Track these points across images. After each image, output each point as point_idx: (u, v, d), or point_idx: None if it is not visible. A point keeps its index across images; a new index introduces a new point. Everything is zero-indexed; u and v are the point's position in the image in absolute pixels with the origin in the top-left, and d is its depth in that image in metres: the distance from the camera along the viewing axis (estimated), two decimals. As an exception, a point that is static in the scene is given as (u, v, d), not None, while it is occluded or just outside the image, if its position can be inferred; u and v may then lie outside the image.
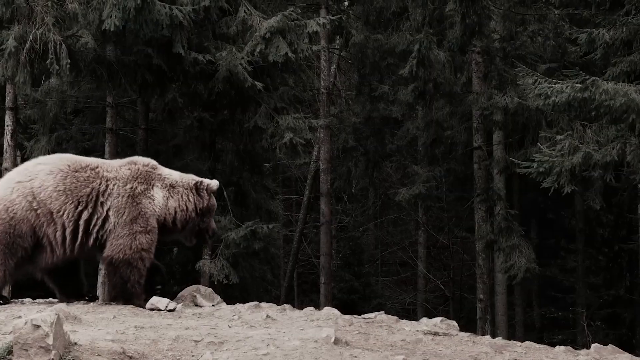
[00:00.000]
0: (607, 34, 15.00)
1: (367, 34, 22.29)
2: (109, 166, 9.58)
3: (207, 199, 9.71)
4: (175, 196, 9.57)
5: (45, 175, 9.33)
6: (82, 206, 9.25)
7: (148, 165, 9.62)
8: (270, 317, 8.31)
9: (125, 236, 9.19)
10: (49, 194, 9.22)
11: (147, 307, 9.08)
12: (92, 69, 18.07)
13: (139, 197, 9.34)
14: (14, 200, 9.26)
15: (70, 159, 9.61)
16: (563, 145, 14.44)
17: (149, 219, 9.32)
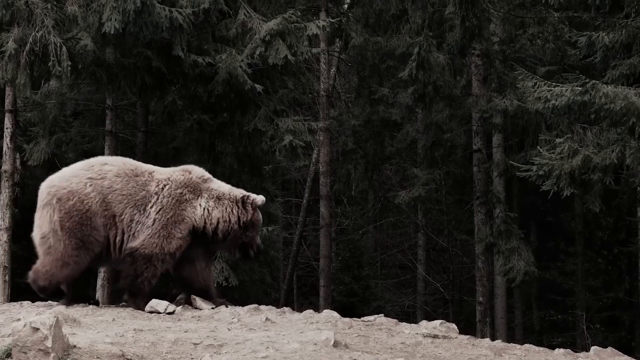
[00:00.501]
0: (607, 37, 15.00)
1: (366, 36, 22.29)
2: (164, 171, 9.99)
3: (252, 213, 9.95)
4: (219, 207, 9.82)
5: (114, 176, 9.71)
6: (137, 210, 9.61)
7: (201, 177, 10.02)
8: (269, 320, 8.31)
9: (160, 236, 9.47)
10: (115, 197, 9.59)
11: (146, 309, 9.09)
12: (91, 72, 18.07)
13: (185, 204, 9.69)
14: (88, 194, 9.58)
15: (132, 163, 10.03)
16: (562, 148, 14.43)
17: (186, 226, 9.63)
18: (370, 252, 31.98)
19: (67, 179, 9.83)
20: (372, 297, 29.07)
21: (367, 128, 25.13)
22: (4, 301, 16.98)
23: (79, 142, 23.28)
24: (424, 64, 19.35)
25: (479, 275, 20.87)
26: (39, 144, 20.42)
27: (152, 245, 9.45)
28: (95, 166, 9.90)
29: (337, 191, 28.54)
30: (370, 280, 30.29)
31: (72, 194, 9.59)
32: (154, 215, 9.57)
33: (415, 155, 26.01)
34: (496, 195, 20.65)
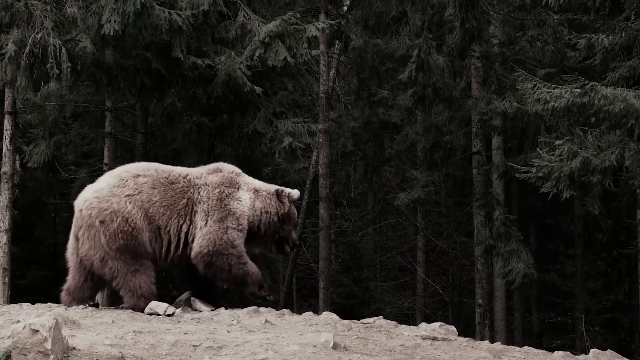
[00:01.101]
0: (607, 39, 15.00)
1: (366, 38, 22.30)
2: (197, 173, 10.02)
3: (288, 206, 10.05)
4: (260, 198, 9.96)
5: (150, 189, 9.72)
6: (182, 219, 9.70)
7: (233, 172, 10.10)
8: (269, 322, 8.30)
9: (215, 231, 9.57)
10: (156, 209, 9.64)
11: (145, 311, 9.09)
12: (91, 73, 18.07)
13: (227, 199, 9.77)
14: (131, 211, 9.57)
15: (164, 170, 10.00)
16: (562, 150, 14.44)
17: (239, 217, 9.74)
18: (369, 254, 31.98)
19: (106, 199, 9.70)
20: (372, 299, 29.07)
21: (367, 130, 25.13)
22: (4, 303, 16.97)
23: (79, 144, 23.32)
24: (423, 66, 19.36)
25: (478, 277, 20.87)
26: (38, 146, 20.44)
27: (212, 240, 9.53)
28: (129, 181, 9.81)
29: (336, 193, 28.55)
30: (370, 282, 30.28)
31: (115, 215, 9.57)
32: (200, 223, 9.64)
33: (415, 157, 26.01)
34: (496, 197, 20.65)
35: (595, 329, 25.38)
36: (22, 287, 25.06)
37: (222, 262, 9.55)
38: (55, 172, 24.91)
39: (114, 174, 10.07)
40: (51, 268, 28.69)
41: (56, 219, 29.57)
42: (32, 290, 24.42)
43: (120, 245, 9.50)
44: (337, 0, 23.27)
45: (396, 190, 27.22)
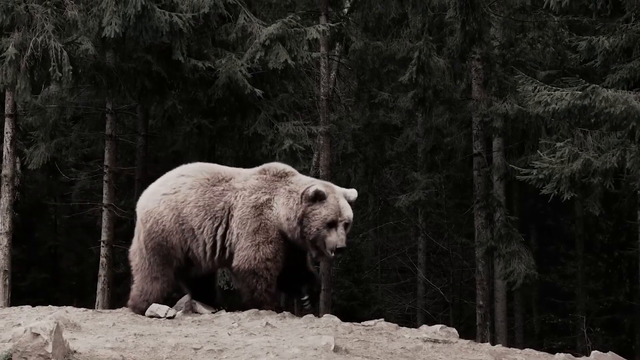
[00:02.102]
0: (607, 41, 15.00)
1: (366, 40, 22.30)
2: (242, 176, 9.61)
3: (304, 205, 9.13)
4: (285, 203, 9.27)
5: (187, 189, 9.49)
6: (218, 222, 9.37)
7: (277, 174, 9.51)
8: (269, 325, 8.30)
9: (249, 247, 9.19)
10: (190, 209, 9.39)
11: (146, 314, 9.08)
12: (91, 76, 18.09)
13: (261, 208, 9.29)
14: (162, 212, 9.47)
15: (210, 171, 9.70)
16: (563, 152, 14.45)
17: (269, 229, 9.24)
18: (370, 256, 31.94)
19: (147, 197, 9.79)
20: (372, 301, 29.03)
21: (367, 132, 25.13)
22: (4, 305, 16.98)
23: (79, 146, 23.33)
24: (424, 68, 19.37)
25: (479, 278, 20.86)
26: (39, 148, 20.45)
27: (247, 258, 9.21)
28: (170, 180, 9.73)
29: (337, 195, 28.47)
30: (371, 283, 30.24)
31: (149, 215, 9.58)
32: (236, 231, 9.29)
33: (415, 159, 26.00)
34: (496, 198, 20.65)
35: (597, 330, 25.37)
36: (22, 290, 25.07)
37: (251, 283, 9.25)
38: (55, 175, 24.93)
39: (168, 173, 9.96)
40: (51, 270, 28.73)
41: (57, 221, 29.58)
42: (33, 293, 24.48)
43: (154, 246, 9.50)
44: (337, 3, 23.22)
45: (397, 192, 27.20)
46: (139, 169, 21.65)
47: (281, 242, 9.26)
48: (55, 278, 28.88)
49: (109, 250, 19.98)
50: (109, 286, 19.82)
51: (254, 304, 9.19)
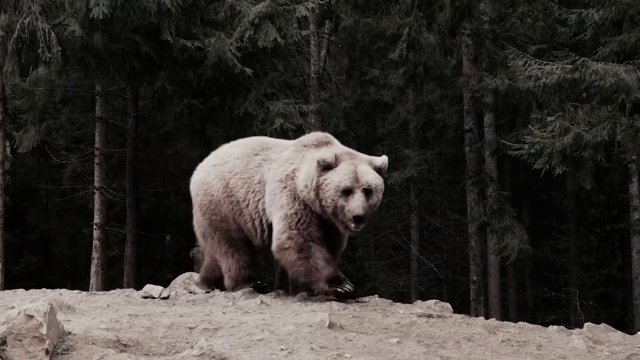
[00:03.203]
0: (597, 14, 14.98)
1: (356, 17, 22.19)
2: (280, 147, 9.01)
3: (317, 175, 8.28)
4: (306, 172, 8.45)
5: (235, 159, 9.05)
6: (259, 195, 8.82)
7: (308, 144, 8.76)
8: (264, 303, 8.30)
9: (276, 222, 8.54)
10: (236, 181, 8.94)
11: (140, 294, 9.08)
12: (80, 58, 17.99)
13: (286, 180, 8.60)
14: (210, 182, 9.11)
15: (259, 143, 9.19)
16: (554, 126, 14.45)
17: (293, 200, 8.50)
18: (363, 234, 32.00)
19: (199, 168, 9.44)
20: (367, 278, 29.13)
21: (359, 110, 25.10)
22: (-2, 289, 16.97)
23: (69, 129, 23.26)
24: (414, 45, 19.29)
25: (472, 254, 20.92)
26: (28, 132, 20.37)
27: (277, 233, 8.50)
28: (223, 150, 9.34)
29: (329, 173, 28.47)
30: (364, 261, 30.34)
31: (200, 186, 9.25)
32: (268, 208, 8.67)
33: (407, 136, 25.99)
34: (488, 174, 20.67)
35: (589, 303, 25.53)
36: (15, 274, 25.06)
37: (285, 259, 8.54)
38: (46, 158, 24.87)
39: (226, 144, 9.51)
40: (44, 254, 28.71)
41: (48, 205, 29.54)
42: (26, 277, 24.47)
43: (210, 222, 9.13)
44: (326, -20, 23.11)
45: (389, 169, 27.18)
46: (129, 150, 21.61)
47: (305, 211, 8.45)
48: (48, 262, 28.87)
49: (101, 232, 19.97)
50: (102, 269, 19.83)
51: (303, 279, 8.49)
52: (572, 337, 7.16)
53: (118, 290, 9.86)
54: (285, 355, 5.85)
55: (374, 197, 8.31)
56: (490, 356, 6.37)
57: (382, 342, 6.49)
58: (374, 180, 8.29)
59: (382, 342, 6.51)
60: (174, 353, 6.08)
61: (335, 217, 8.29)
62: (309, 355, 5.90)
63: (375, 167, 8.45)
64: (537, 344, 6.93)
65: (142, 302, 8.70)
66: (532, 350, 6.68)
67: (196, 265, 19.06)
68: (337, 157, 8.33)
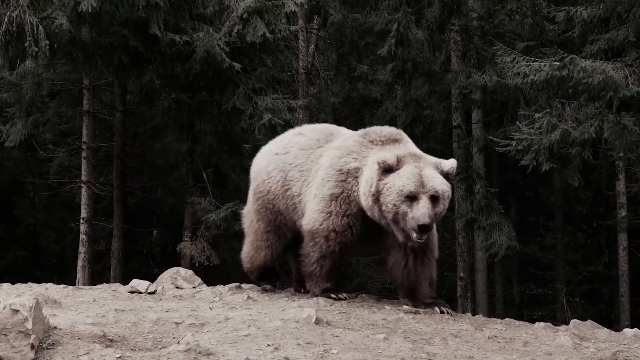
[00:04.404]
0: (585, 12, 15.01)
1: (345, 13, 22.15)
2: (342, 135, 8.50)
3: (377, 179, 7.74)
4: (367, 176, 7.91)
5: (297, 150, 8.56)
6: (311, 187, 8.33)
7: (374, 140, 8.14)
8: (251, 298, 8.31)
9: (320, 212, 8.03)
10: (294, 174, 8.48)
11: (127, 289, 9.06)
12: (67, 51, 17.92)
13: (347, 175, 8.04)
14: (270, 172, 8.70)
15: (325, 132, 8.66)
16: (541, 123, 14.47)
17: (350, 202, 7.98)
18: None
19: (260, 155, 9.03)
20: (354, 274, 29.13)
21: (347, 105, 25.06)
22: (-16, 284, 16.87)
23: (57, 123, 23.14)
24: (402, 41, 19.26)
25: (459, 250, 20.95)
26: (15, 125, 20.26)
27: (313, 220, 8.07)
28: (287, 138, 8.86)
29: (317, 169, 28.46)
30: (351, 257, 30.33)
31: (258, 173, 8.85)
32: (314, 191, 8.16)
33: (395, 132, 25.95)
34: (476, 170, 20.69)
35: (576, 299, 25.62)
36: (1, 268, 24.95)
37: (307, 247, 8.17)
38: (33, 152, 24.74)
39: (288, 131, 9.15)
40: (31, 248, 28.58)
41: (35, 199, 29.41)
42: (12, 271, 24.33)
43: (259, 208, 8.77)
44: (314, -25, 23.08)
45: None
46: (117, 145, 21.53)
47: (359, 219, 7.99)
48: (35, 256, 28.75)
49: (88, 227, 19.90)
50: (89, 263, 19.76)
51: (306, 273, 8.29)
52: (559, 334, 7.19)
53: (105, 285, 9.85)
54: (271, 351, 5.85)
55: (440, 205, 7.71)
56: (476, 352, 6.38)
57: (368, 338, 6.50)
58: (440, 186, 7.67)
59: (369, 338, 6.52)
60: (160, 348, 6.07)
61: (396, 225, 7.69)
62: (295, 351, 5.90)
63: (442, 171, 7.80)
64: (524, 340, 6.96)
65: (129, 297, 8.69)
66: (518, 347, 6.70)
67: (183, 260, 19.04)
68: (399, 158, 7.67)
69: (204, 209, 18.83)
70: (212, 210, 18.67)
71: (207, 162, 20.79)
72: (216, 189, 20.45)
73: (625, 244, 21.76)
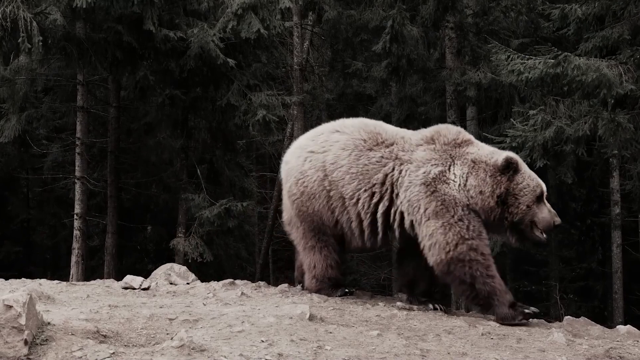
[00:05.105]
0: (580, 9, 15.03)
1: (340, 9, 22.16)
2: (407, 143, 8.12)
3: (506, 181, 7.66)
4: (473, 174, 7.75)
5: (339, 150, 8.21)
6: (377, 197, 8.01)
7: (449, 142, 8.00)
8: (245, 295, 8.30)
9: (434, 235, 7.66)
10: (342, 175, 8.12)
11: (121, 285, 9.04)
12: (61, 47, 17.89)
13: (434, 184, 7.76)
14: (305, 171, 8.36)
15: (369, 130, 8.29)
16: (536, 120, 14.49)
17: (450, 207, 7.68)
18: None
19: (293, 151, 8.66)
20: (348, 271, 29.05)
21: (341, 102, 25.07)
22: (-23, 279, 16.84)
23: (50, 118, 23.10)
24: (397, 37, 19.27)
25: (453, 247, 20.93)
26: (9, 121, 20.21)
27: (440, 248, 7.63)
28: (323, 135, 8.46)
29: (311, 165, 28.46)
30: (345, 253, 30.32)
31: (291, 172, 8.50)
32: (409, 217, 7.84)
33: (390, 129, 25.97)
34: (470, 167, 20.67)
35: (569, 296, 25.65)
36: (-4, 263, 24.92)
37: (464, 274, 7.58)
38: (27, 147, 24.68)
39: (321, 126, 8.78)
40: (24, 244, 28.53)
41: (29, 194, 29.35)
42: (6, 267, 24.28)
43: (298, 212, 8.40)
44: (309, -29, 23.06)
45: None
46: (111, 140, 21.49)
47: (471, 216, 7.68)
48: (29, 251, 28.70)
49: (82, 222, 19.87)
50: (83, 259, 19.73)
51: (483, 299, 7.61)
52: (552, 331, 7.20)
53: (98, 281, 9.83)
54: (265, 347, 5.85)
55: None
56: (470, 349, 6.39)
57: (362, 335, 6.50)
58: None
59: (363, 334, 6.52)
60: (154, 344, 6.06)
61: (518, 225, 7.65)
62: (289, 347, 5.90)
63: None
64: (517, 337, 6.97)
65: (123, 293, 8.67)
66: (511, 344, 6.71)
67: (176, 256, 19.02)
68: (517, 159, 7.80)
69: (198, 206, 18.81)
70: (206, 207, 18.66)
71: (201, 159, 20.78)
72: (210, 185, 20.43)
73: (619, 241, 21.80)
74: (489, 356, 6.15)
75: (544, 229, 7.55)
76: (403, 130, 8.51)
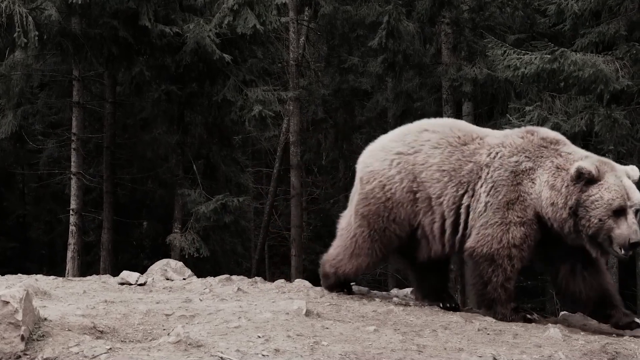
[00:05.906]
0: (576, 5, 15.04)
1: (336, 5, 22.14)
2: (499, 134, 7.84)
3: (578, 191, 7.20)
4: (551, 182, 7.32)
5: (431, 149, 7.76)
6: (463, 189, 7.61)
7: (547, 138, 7.57)
8: (241, 290, 8.30)
9: (496, 225, 7.38)
10: (431, 174, 7.68)
11: (117, 281, 9.04)
12: (57, 42, 17.86)
13: (521, 176, 7.43)
14: (392, 177, 7.85)
15: (462, 128, 7.92)
16: (532, 116, 14.51)
17: (527, 207, 7.38)
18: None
19: (375, 153, 8.10)
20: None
21: (337, 97, 25.06)
22: (-27, 275, 16.82)
23: (46, 114, 23.08)
24: (393, 33, 19.27)
25: (449, 243, 20.95)
26: (5, 117, 20.18)
27: (488, 239, 7.39)
28: (410, 135, 7.95)
29: (307, 161, 28.50)
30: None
31: (372, 176, 7.94)
32: (484, 198, 7.46)
33: (386, 124, 25.93)
34: (466, 163, 20.68)
35: (565, 292, 25.61)
36: (-9, 259, 24.88)
37: (486, 273, 7.46)
38: (22, 143, 24.64)
39: (406, 126, 8.23)
40: (20, 239, 28.49)
41: (25, 190, 29.32)
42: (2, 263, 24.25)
43: (367, 214, 7.91)
44: (305, -33, 23.05)
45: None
46: (107, 136, 21.47)
47: (534, 227, 7.40)
48: (25, 247, 28.66)
49: (78, 218, 19.85)
50: (79, 254, 19.72)
51: (484, 301, 7.57)
52: (548, 326, 7.21)
53: (94, 277, 9.82)
54: (262, 343, 5.85)
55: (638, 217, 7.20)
56: (466, 344, 6.39)
57: (359, 330, 6.50)
58: None
59: (359, 330, 6.52)
60: (151, 340, 6.06)
61: (592, 241, 7.20)
62: (285, 342, 5.90)
63: (633, 180, 7.32)
64: (513, 332, 6.97)
65: (119, 288, 8.67)
66: (508, 339, 6.72)
67: (173, 252, 19.02)
68: (599, 167, 7.19)
69: (194, 201, 18.81)
70: (202, 202, 18.66)
71: (197, 154, 20.76)
72: (206, 180, 20.42)
73: (614, 236, 21.80)
74: (486, 351, 6.16)
75: (620, 245, 7.06)
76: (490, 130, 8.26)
